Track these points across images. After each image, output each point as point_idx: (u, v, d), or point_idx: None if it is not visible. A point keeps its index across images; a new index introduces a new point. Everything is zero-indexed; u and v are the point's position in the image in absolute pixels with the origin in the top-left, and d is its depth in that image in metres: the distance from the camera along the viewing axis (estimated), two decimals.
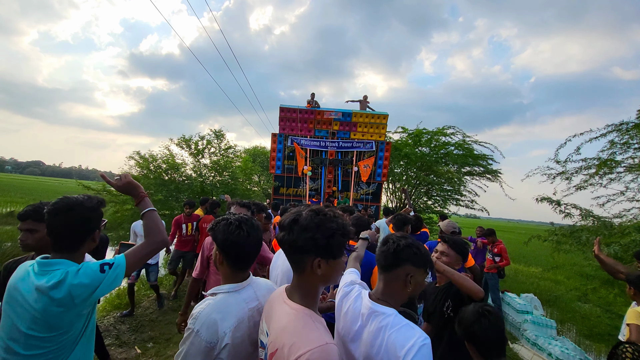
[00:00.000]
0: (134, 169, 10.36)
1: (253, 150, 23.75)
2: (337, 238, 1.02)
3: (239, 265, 1.32)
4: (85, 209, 1.37)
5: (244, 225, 1.30)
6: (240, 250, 1.29)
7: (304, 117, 11.05)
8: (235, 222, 1.31)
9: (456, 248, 2.22)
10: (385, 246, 1.27)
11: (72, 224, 1.34)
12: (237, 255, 1.30)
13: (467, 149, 11.57)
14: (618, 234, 4.77)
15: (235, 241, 1.27)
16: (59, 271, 1.27)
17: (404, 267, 1.22)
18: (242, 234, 1.28)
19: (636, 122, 5.50)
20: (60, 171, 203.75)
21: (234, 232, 1.28)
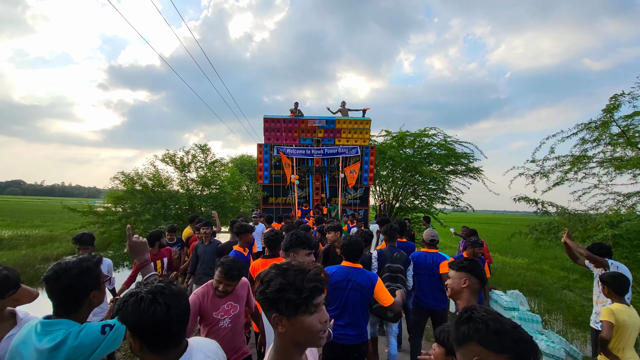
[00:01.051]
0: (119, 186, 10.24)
1: (240, 159, 23.66)
2: (287, 295, 0.95)
3: (163, 348, 1.07)
4: (73, 276, 1.37)
5: (160, 297, 1.04)
6: (162, 330, 1.03)
7: (288, 126, 11.13)
8: (149, 295, 1.04)
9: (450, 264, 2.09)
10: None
11: (62, 291, 1.37)
12: (159, 337, 1.04)
13: (449, 149, 11.87)
14: (592, 229, 5.02)
15: (153, 320, 1.01)
16: (60, 332, 1.30)
17: (468, 346, 0.99)
18: (160, 309, 1.02)
19: (603, 120, 5.79)
20: (42, 189, 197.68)
21: (148, 309, 1.02)
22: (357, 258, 2.72)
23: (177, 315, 1.06)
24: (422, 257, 3.74)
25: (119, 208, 10.18)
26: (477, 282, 1.88)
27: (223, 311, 2.39)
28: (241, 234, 3.64)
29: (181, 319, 1.08)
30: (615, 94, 5.86)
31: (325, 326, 1.00)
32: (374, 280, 2.66)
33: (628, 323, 2.72)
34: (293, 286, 0.96)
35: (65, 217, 25.08)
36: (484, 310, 1.03)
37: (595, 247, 3.76)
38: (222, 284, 2.30)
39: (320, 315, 0.99)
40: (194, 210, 10.57)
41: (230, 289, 2.34)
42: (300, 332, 0.97)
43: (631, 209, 5.84)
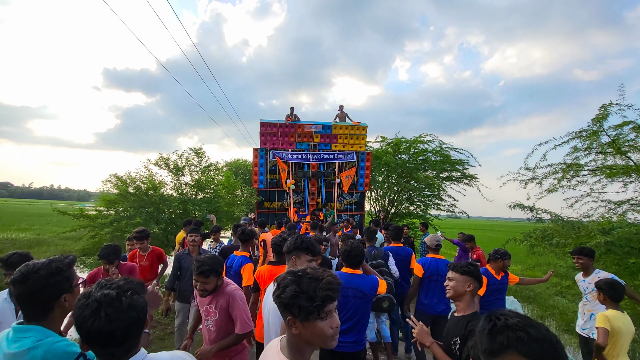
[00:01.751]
0: (112, 190, 10.09)
1: (235, 163, 23.56)
2: (300, 301, 1.02)
3: (105, 357, 1.03)
4: (41, 278, 1.28)
5: (105, 309, 0.98)
6: (102, 341, 0.99)
7: (284, 131, 11.13)
8: (95, 303, 0.99)
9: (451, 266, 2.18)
10: (483, 323, 1.01)
11: (30, 294, 1.28)
12: (99, 345, 1.00)
13: (444, 155, 12.00)
14: (585, 236, 5.10)
15: (92, 331, 0.97)
16: (29, 339, 1.23)
17: (506, 356, 0.93)
18: (99, 324, 0.96)
19: (594, 130, 5.92)
20: (30, 192, 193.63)
21: (89, 319, 0.97)
22: (358, 265, 2.72)
23: (121, 330, 0.99)
24: (434, 264, 3.74)
25: (110, 211, 10.02)
26: (479, 286, 2.01)
27: (206, 311, 2.39)
28: (247, 241, 3.61)
29: (126, 331, 1.01)
30: (604, 104, 6.01)
31: (337, 331, 1.07)
32: (376, 283, 2.69)
33: (623, 330, 2.75)
34: (306, 294, 1.03)
35: (53, 221, 24.57)
36: (515, 314, 0.99)
37: (585, 249, 3.78)
38: (198, 282, 2.28)
39: (331, 321, 1.06)
40: (187, 214, 10.45)
41: (208, 287, 2.27)
42: (312, 335, 1.05)
43: (622, 216, 5.96)
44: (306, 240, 2.16)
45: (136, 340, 1.07)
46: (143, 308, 1.07)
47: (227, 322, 2.35)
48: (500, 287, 3.73)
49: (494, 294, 3.66)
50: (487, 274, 3.65)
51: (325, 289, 1.03)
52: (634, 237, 4.80)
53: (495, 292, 3.67)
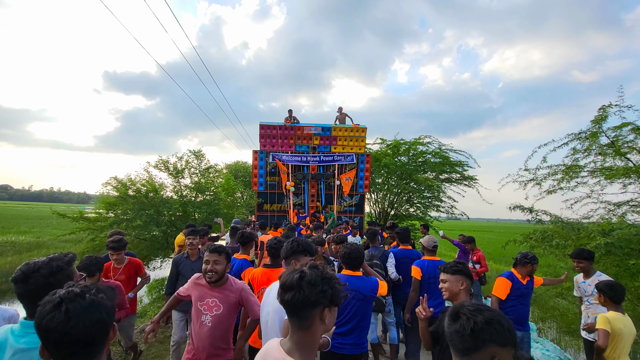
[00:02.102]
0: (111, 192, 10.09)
1: (234, 165, 23.57)
2: (336, 287, 1.13)
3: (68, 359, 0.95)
4: (42, 277, 1.32)
5: (67, 304, 0.92)
6: (58, 341, 0.91)
7: (284, 133, 11.15)
8: (57, 299, 0.94)
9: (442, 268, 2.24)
10: (458, 324, 1.05)
11: (32, 293, 1.30)
12: (56, 347, 0.93)
13: (444, 157, 12.01)
14: (585, 237, 5.09)
15: (48, 327, 0.91)
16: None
17: (486, 349, 1.00)
18: (58, 318, 0.90)
19: (593, 131, 5.92)
20: (30, 195, 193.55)
21: (48, 314, 0.92)
22: (358, 267, 2.73)
23: (80, 330, 0.91)
24: (432, 266, 3.67)
25: (110, 214, 10.01)
26: (471, 283, 2.14)
27: (207, 305, 2.35)
28: (247, 244, 3.61)
29: (86, 333, 0.92)
30: (604, 105, 6.01)
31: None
32: (376, 285, 2.70)
33: (624, 331, 2.75)
34: (336, 279, 1.15)
35: (53, 223, 24.55)
36: (476, 307, 1.07)
37: (584, 252, 3.76)
38: (209, 262, 2.30)
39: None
40: (187, 216, 10.45)
41: (218, 267, 2.30)
42: (333, 319, 1.17)
43: (622, 217, 5.95)
44: (302, 242, 2.17)
45: (99, 348, 0.98)
46: (108, 310, 0.99)
47: (229, 317, 2.37)
48: (526, 292, 3.52)
49: (519, 299, 3.47)
50: (512, 278, 3.48)
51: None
52: (633, 239, 4.79)
53: (519, 297, 3.48)
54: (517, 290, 3.46)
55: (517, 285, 3.48)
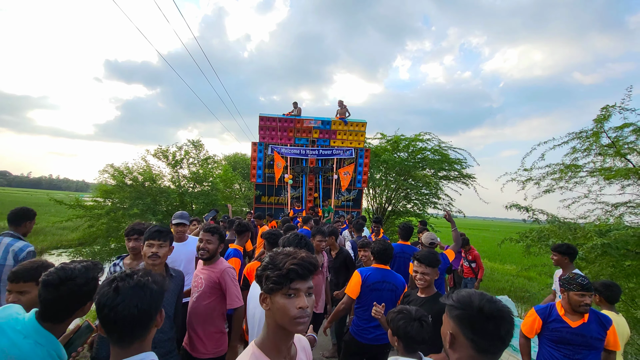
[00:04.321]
0: (108, 181, 10.04)
1: (233, 157, 23.47)
2: (266, 272, 1.04)
3: (112, 337, 1.02)
4: (77, 285, 1.29)
5: (118, 282, 1.01)
6: (107, 318, 0.99)
7: (283, 125, 11.07)
8: (112, 277, 1.04)
9: (432, 265, 2.41)
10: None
11: (62, 298, 1.27)
12: (107, 322, 0.99)
13: (443, 154, 11.95)
14: (582, 237, 5.08)
15: (99, 302, 1.00)
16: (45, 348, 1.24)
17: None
18: (108, 293, 0.99)
19: (594, 130, 5.88)
20: (28, 181, 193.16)
21: (102, 289, 1.02)
22: (389, 261, 2.90)
23: (125, 306, 0.98)
24: None
25: (107, 202, 9.98)
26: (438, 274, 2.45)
27: (196, 282, 2.45)
28: (243, 234, 3.59)
29: (130, 311, 0.98)
30: (607, 105, 5.95)
31: (303, 313, 1.02)
32: (404, 281, 2.89)
33: (617, 331, 2.74)
34: (275, 265, 1.03)
35: (51, 211, 24.50)
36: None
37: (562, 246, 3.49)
38: (203, 240, 2.42)
39: (298, 301, 1.02)
40: (184, 206, 10.42)
41: (210, 246, 2.41)
42: (278, 313, 1.02)
43: (619, 218, 5.94)
44: (307, 240, 2.13)
45: (144, 329, 1.04)
46: (153, 292, 1.04)
47: (208, 296, 2.38)
48: (571, 337, 2.39)
49: (558, 345, 2.43)
50: (545, 313, 2.50)
51: (295, 264, 1.02)
52: (630, 240, 4.78)
53: (559, 342, 2.42)
54: (556, 332, 2.40)
55: (554, 325, 2.42)
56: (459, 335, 1.04)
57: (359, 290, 2.71)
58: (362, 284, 2.71)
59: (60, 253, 13.82)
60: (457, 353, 1.05)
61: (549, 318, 2.46)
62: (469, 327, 1.02)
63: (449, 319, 1.08)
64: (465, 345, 1.02)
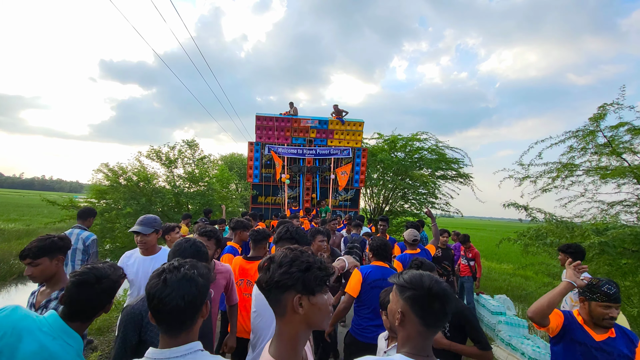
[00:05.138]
0: (102, 181, 9.91)
1: (230, 157, 23.35)
2: (314, 271, 0.99)
3: (161, 326, 1.06)
4: (112, 282, 1.37)
5: (166, 274, 1.06)
6: (156, 308, 1.03)
7: (280, 125, 11.02)
8: (161, 269, 1.09)
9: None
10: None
11: (96, 296, 1.33)
12: (156, 312, 1.04)
13: (440, 154, 11.98)
14: (579, 236, 5.10)
15: (149, 293, 1.05)
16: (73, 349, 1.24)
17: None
18: (157, 285, 1.04)
19: (590, 130, 5.91)
20: (21, 182, 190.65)
21: (152, 280, 1.07)
22: (388, 258, 2.87)
23: (173, 298, 1.02)
24: (409, 260, 3.65)
25: (101, 202, 9.84)
26: None
27: None
28: (237, 230, 3.52)
29: (178, 302, 1.02)
30: (604, 103, 5.99)
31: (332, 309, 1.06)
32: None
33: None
34: (317, 263, 1.03)
35: (43, 212, 24.20)
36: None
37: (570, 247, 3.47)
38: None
39: (329, 296, 1.05)
40: (180, 207, 10.31)
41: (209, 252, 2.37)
42: (317, 312, 1.00)
43: (615, 217, 5.98)
44: (292, 229, 2.15)
45: (191, 319, 1.07)
46: (199, 285, 1.08)
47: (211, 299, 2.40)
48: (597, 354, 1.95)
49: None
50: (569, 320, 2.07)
51: (324, 262, 1.06)
52: (627, 238, 4.80)
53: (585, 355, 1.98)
54: (578, 345, 1.98)
55: (576, 334, 2.00)
56: (408, 313, 1.13)
57: (359, 288, 2.68)
58: (363, 282, 2.68)
59: None
60: (406, 330, 1.13)
61: (572, 325, 2.03)
62: (418, 306, 1.11)
63: (400, 298, 1.16)
64: (415, 322, 1.11)
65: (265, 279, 1.00)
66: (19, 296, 8.92)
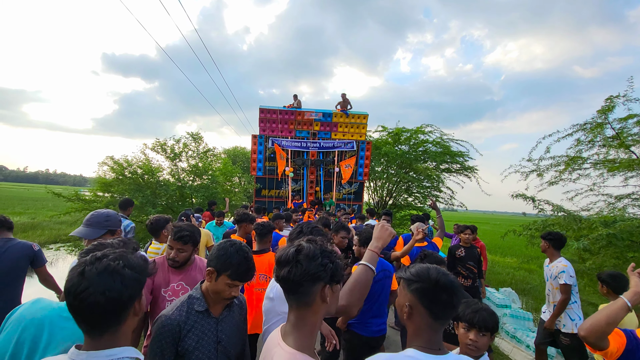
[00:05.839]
0: (107, 174, 9.95)
1: (233, 150, 23.35)
2: (338, 262, 1.04)
3: (81, 326, 0.90)
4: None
5: (85, 266, 0.88)
6: (72, 306, 0.87)
7: (284, 118, 10.97)
8: (82, 260, 0.92)
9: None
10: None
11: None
12: (73, 310, 0.88)
13: (445, 147, 11.89)
14: (586, 228, 5.07)
15: (65, 288, 0.88)
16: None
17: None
18: (73, 279, 0.87)
19: (598, 122, 5.83)
20: (25, 176, 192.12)
21: (69, 274, 0.90)
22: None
23: (90, 294, 0.84)
24: (417, 253, 3.64)
25: (106, 194, 9.90)
26: None
27: (172, 290, 2.16)
28: (241, 223, 3.49)
29: (96, 300, 0.84)
30: (611, 96, 5.90)
31: None
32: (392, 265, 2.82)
33: (626, 322, 2.71)
34: (334, 252, 1.05)
35: (48, 205, 24.41)
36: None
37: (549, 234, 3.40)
38: (173, 250, 2.11)
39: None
40: (184, 199, 10.35)
41: (181, 256, 2.11)
42: (335, 299, 1.06)
43: (622, 210, 5.93)
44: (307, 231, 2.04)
45: (114, 320, 0.90)
46: (125, 279, 0.89)
47: None
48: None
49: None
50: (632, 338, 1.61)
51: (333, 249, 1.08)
52: (635, 231, 4.77)
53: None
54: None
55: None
56: (417, 306, 1.12)
57: None
58: None
59: (58, 247, 13.75)
60: (415, 323, 1.12)
61: (637, 348, 1.61)
62: (426, 298, 1.10)
63: (407, 292, 1.15)
64: (423, 314, 1.10)
65: (299, 272, 0.98)
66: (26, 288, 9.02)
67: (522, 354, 4.62)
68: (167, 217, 3.21)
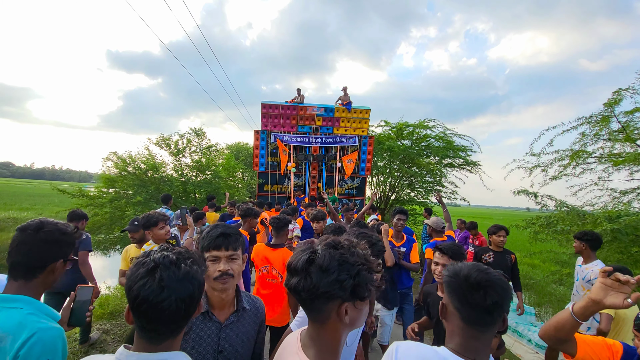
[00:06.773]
0: (111, 170, 10.04)
1: (236, 146, 23.38)
2: (364, 275, 0.84)
3: (144, 333, 0.85)
4: (56, 231, 1.20)
5: (161, 272, 0.83)
6: (146, 315, 0.82)
7: (286, 113, 10.94)
8: (152, 263, 0.84)
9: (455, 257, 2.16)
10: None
11: (37, 243, 1.16)
12: (143, 315, 0.82)
13: (448, 141, 11.80)
14: (590, 223, 5.02)
15: (138, 295, 0.81)
16: (18, 312, 1.07)
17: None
18: (151, 286, 0.81)
19: (604, 115, 5.75)
20: (31, 172, 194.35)
21: (141, 279, 0.82)
22: None
23: (172, 302, 0.81)
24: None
25: (110, 190, 10.01)
26: None
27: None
28: (246, 218, 3.49)
29: (177, 306, 0.82)
30: (619, 88, 5.80)
31: None
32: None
33: (628, 316, 2.71)
34: (366, 262, 0.86)
35: (54, 201, 24.70)
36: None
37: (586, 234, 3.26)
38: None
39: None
40: (187, 195, 10.42)
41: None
42: (362, 314, 0.88)
43: (627, 205, 5.86)
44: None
45: (184, 323, 0.89)
46: (200, 284, 0.89)
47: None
48: None
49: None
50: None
51: (371, 255, 0.90)
52: None
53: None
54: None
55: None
56: (449, 305, 1.02)
57: None
58: None
59: None
60: (449, 324, 1.02)
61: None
62: (455, 296, 0.99)
63: (444, 290, 1.05)
64: (454, 315, 0.99)
65: (306, 287, 0.82)
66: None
67: (523, 348, 4.63)
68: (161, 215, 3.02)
